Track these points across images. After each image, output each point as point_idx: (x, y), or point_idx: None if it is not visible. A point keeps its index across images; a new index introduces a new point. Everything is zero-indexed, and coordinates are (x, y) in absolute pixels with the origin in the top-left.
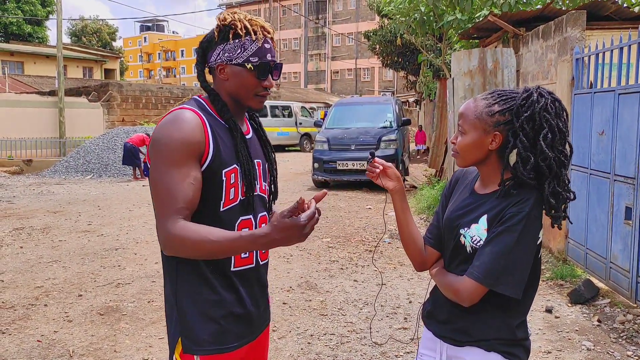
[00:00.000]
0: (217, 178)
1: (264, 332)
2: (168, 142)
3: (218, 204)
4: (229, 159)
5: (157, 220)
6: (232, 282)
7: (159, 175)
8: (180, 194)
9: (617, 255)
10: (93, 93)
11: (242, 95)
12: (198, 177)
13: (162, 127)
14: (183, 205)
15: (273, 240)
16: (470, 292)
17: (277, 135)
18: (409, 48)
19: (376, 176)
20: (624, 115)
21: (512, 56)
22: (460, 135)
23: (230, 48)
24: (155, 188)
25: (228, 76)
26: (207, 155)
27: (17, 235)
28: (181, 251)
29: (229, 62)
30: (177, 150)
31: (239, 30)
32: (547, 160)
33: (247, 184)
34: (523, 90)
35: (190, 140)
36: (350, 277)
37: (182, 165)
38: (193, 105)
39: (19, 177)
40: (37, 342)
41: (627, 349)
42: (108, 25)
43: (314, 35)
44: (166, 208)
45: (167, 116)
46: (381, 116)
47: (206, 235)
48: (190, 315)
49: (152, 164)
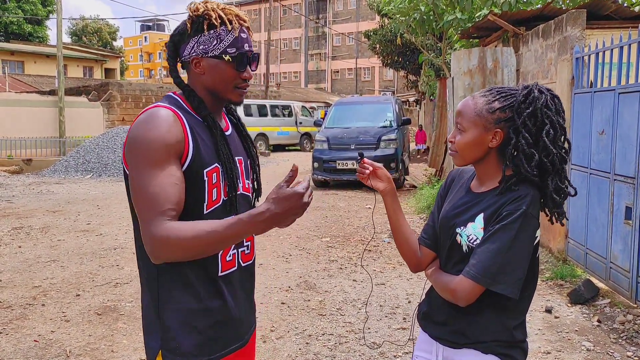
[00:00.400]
0: (198, 178)
1: (252, 337)
2: (146, 142)
3: (201, 206)
4: (209, 158)
5: (141, 227)
6: (218, 287)
7: (140, 178)
8: (165, 195)
9: (617, 255)
10: (93, 92)
11: (220, 88)
12: (181, 177)
13: (138, 127)
14: (170, 206)
15: (273, 215)
16: (466, 291)
17: (277, 134)
18: (409, 47)
19: (366, 177)
20: (624, 115)
21: (512, 55)
22: (459, 133)
23: (205, 40)
24: (137, 192)
25: (204, 70)
26: (186, 155)
27: (16, 235)
28: (174, 253)
29: (205, 54)
30: (156, 150)
31: (213, 21)
32: (550, 156)
33: (230, 183)
34: (522, 87)
35: (168, 139)
36: (349, 276)
37: (164, 165)
38: (168, 103)
39: (19, 177)
40: (34, 342)
41: (627, 350)
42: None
43: (314, 34)
44: (151, 211)
45: (142, 115)
46: (381, 116)
47: (201, 227)
48: (173, 327)
49: (131, 167)
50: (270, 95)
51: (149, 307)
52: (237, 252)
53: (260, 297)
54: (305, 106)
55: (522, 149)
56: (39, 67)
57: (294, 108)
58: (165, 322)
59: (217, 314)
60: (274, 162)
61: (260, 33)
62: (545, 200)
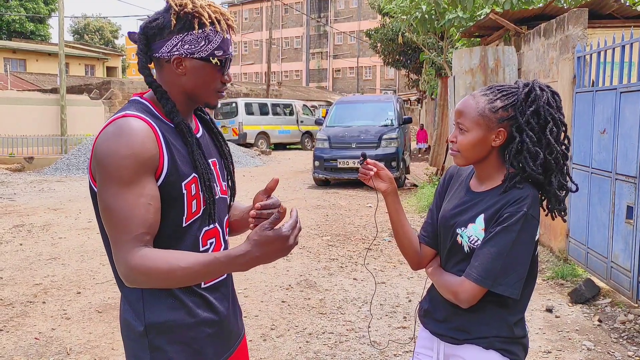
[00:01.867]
0: (176, 192)
1: (242, 343)
2: (116, 159)
3: (180, 220)
4: (186, 169)
5: (113, 251)
6: (206, 298)
7: (110, 199)
8: (138, 218)
9: (618, 254)
10: (95, 91)
11: (201, 92)
12: (155, 195)
13: (106, 141)
14: (143, 230)
15: (253, 258)
16: (469, 294)
17: (278, 133)
18: (411, 46)
19: (369, 178)
20: (625, 114)
21: (513, 54)
22: (460, 133)
23: (192, 39)
24: (106, 214)
25: (187, 71)
26: (161, 169)
27: (17, 233)
28: (146, 283)
29: (190, 55)
30: (127, 168)
31: (204, 20)
32: (553, 153)
33: (208, 192)
34: (522, 84)
35: (141, 155)
36: (350, 275)
37: (135, 184)
38: (137, 110)
39: (20, 175)
40: (34, 339)
41: (628, 349)
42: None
43: (315, 33)
44: (123, 236)
45: (108, 128)
46: (382, 114)
47: (175, 262)
48: (164, 346)
49: (100, 186)
50: (271, 93)
51: (133, 326)
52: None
53: (261, 295)
54: (306, 105)
55: (527, 147)
56: (41, 66)
57: (295, 107)
58: (154, 342)
59: (208, 327)
60: (275, 160)
61: (261, 32)
62: (548, 197)
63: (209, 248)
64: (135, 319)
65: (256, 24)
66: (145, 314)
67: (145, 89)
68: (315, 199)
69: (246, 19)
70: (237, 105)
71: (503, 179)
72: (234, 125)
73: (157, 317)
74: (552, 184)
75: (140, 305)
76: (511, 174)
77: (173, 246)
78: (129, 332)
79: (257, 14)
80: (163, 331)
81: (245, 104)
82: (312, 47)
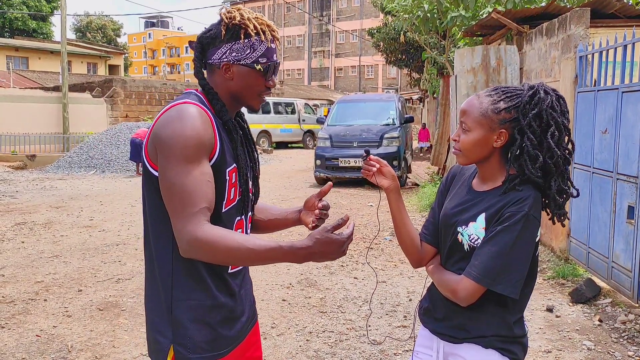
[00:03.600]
0: (221, 177)
1: (253, 329)
2: (181, 139)
3: (221, 204)
4: (230, 158)
5: (176, 223)
6: (228, 284)
7: (177, 176)
8: (201, 193)
9: (619, 254)
10: (97, 89)
11: (246, 95)
12: (212, 175)
13: (170, 124)
14: (206, 204)
15: (312, 253)
16: (468, 292)
17: (280, 132)
18: (413, 45)
19: (372, 175)
20: (627, 114)
21: (515, 54)
22: (463, 132)
23: (239, 48)
24: (172, 190)
25: (234, 76)
26: (214, 153)
27: (19, 230)
28: (206, 256)
29: (237, 62)
30: (191, 148)
31: (250, 31)
32: (554, 157)
33: (244, 184)
34: (527, 87)
35: (203, 136)
36: (351, 274)
37: (199, 162)
38: (195, 100)
39: (22, 172)
40: (36, 336)
41: (628, 349)
42: (113, 22)
43: (317, 32)
44: (189, 209)
45: (170, 112)
46: (384, 113)
47: (242, 241)
48: (185, 323)
49: (164, 164)
50: (273, 92)
51: (159, 303)
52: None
53: (262, 294)
54: (308, 103)
55: (526, 150)
56: (43, 63)
57: (297, 105)
58: (177, 318)
59: (226, 310)
60: (277, 159)
61: None
62: (548, 201)
63: None
64: (163, 293)
65: None
66: (173, 290)
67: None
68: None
69: None
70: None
71: (503, 180)
72: None
73: (183, 295)
74: (551, 187)
75: (169, 281)
76: (511, 175)
77: None
78: (155, 308)
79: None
80: (186, 309)
81: None
82: (314, 46)
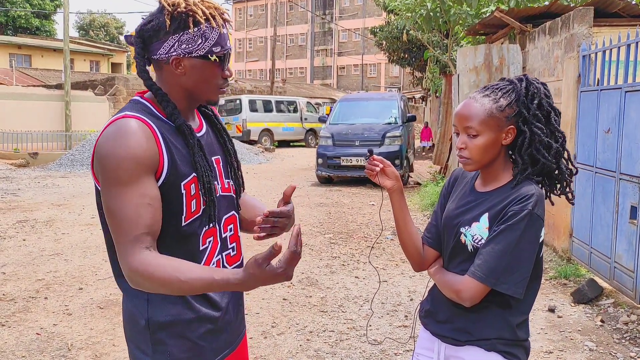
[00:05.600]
0: (175, 192)
1: (242, 341)
2: (115, 160)
3: (179, 219)
4: (186, 170)
5: (117, 249)
6: (207, 295)
7: (111, 200)
8: (138, 219)
9: (622, 254)
10: (99, 87)
11: (203, 90)
12: (156, 195)
13: (106, 143)
14: (143, 231)
15: (248, 287)
16: (472, 291)
17: (282, 130)
18: (416, 44)
19: (375, 174)
20: (630, 113)
21: (518, 52)
22: (470, 139)
23: (188, 39)
24: (109, 215)
25: (186, 70)
26: (162, 169)
27: (21, 228)
28: (146, 287)
29: (189, 54)
30: (125, 170)
31: (199, 18)
32: (559, 140)
33: (208, 193)
34: (517, 80)
35: (140, 155)
36: (352, 273)
37: (135, 185)
38: (137, 110)
39: (25, 170)
40: (36, 334)
41: (630, 350)
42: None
43: (320, 30)
44: (124, 237)
45: (109, 129)
46: (386, 112)
47: (174, 273)
48: (165, 339)
49: (102, 186)
50: (275, 91)
51: (137, 319)
52: (221, 257)
53: (262, 293)
54: (310, 102)
55: (539, 139)
56: (46, 61)
57: (299, 104)
58: (156, 334)
59: (208, 322)
60: (279, 158)
61: (266, 28)
62: (559, 182)
63: (207, 247)
64: (139, 312)
65: (261, 20)
66: (149, 308)
67: None
68: (318, 196)
69: (251, 16)
70: (241, 102)
71: (513, 174)
72: (237, 122)
73: (160, 311)
74: (561, 169)
75: (144, 299)
76: (522, 167)
77: (174, 245)
78: (132, 324)
79: (262, 10)
80: (165, 325)
81: (249, 101)
82: (317, 44)
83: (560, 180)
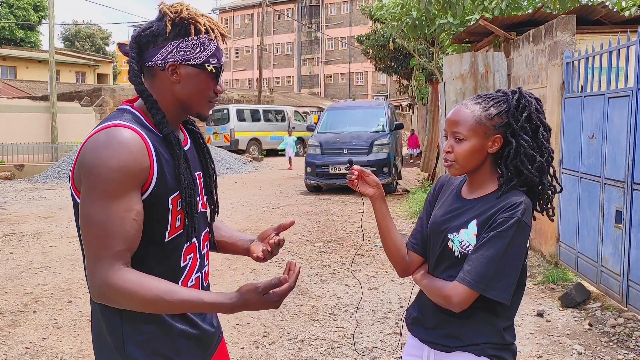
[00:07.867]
0: (162, 206)
1: (220, 344)
2: (104, 171)
3: (163, 234)
4: (174, 183)
5: (89, 263)
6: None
7: (94, 211)
8: (121, 233)
9: (608, 258)
10: (86, 98)
11: (194, 101)
12: (141, 210)
13: (95, 151)
14: (124, 247)
15: (237, 310)
16: (462, 297)
17: (270, 139)
18: (402, 52)
19: (356, 184)
20: (613, 119)
21: (503, 60)
22: (457, 143)
23: (187, 46)
24: (88, 225)
25: (181, 78)
26: (150, 182)
27: (8, 241)
28: (119, 303)
29: (185, 62)
30: (115, 182)
31: (200, 26)
32: (545, 156)
33: (189, 209)
34: (510, 92)
35: (132, 168)
36: (342, 281)
37: (122, 198)
38: (129, 120)
39: (11, 183)
40: (25, 349)
41: (618, 353)
42: (101, 30)
43: (307, 39)
44: (103, 251)
45: (98, 136)
46: (373, 120)
47: (161, 294)
48: (140, 357)
49: (84, 196)
50: (263, 100)
51: (108, 339)
52: (200, 275)
53: None
54: (298, 111)
55: (524, 151)
56: (31, 73)
57: (287, 113)
58: (130, 354)
59: (184, 337)
60: (267, 167)
61: (253, 38)
62: (541, 198)
63: (187, 264)
64: (111, 331)
65: (247, 30)
66: (124, 326)
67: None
68: (307, 205)
69: (237, 25)
70: (228, 112)
71: (499, 184)
72: (225, 131)
73: (134, 330)
74: (544, 184)
75: (118, 317)
76: (507, 178)
77: (155, 261)
78: (103, 343)
79: (249, 20)
80: (139, 344)
81: (237, 111)
82: (304, 53)
83: (542, 195)
